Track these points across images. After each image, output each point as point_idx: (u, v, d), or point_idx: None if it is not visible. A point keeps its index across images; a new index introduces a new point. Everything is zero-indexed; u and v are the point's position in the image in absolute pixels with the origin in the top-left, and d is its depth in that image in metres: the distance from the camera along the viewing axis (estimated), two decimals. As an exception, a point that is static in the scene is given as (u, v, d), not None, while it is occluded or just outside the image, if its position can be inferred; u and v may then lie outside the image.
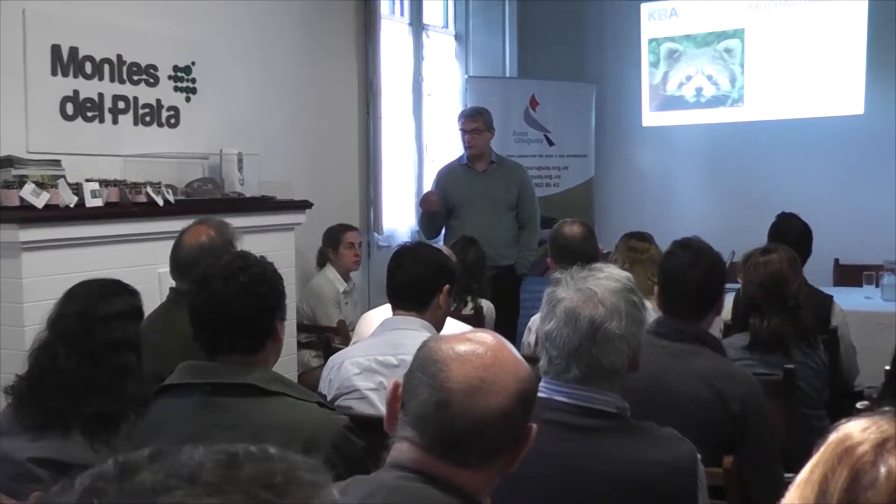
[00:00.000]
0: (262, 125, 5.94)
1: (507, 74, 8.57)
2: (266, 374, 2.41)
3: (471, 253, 5.11)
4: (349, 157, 6.84)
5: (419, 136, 7.51)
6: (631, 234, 4.63)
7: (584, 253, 3.88)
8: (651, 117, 8.51)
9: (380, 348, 3.13)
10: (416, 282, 3.16)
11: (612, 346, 2.09)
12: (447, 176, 6.49)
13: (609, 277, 2.16)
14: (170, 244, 3.61)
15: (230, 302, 2.39)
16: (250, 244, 3.37)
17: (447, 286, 3.20)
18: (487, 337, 1.65)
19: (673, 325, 2.93)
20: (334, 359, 3.24)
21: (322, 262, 6.10)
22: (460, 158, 6.52)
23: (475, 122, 6.34)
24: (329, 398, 3.10)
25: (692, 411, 2.68)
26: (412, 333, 3.03)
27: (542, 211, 6.76)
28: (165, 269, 3.64)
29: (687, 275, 2.97)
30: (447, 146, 7.67)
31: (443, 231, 6.48)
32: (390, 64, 7.21)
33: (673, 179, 8.47)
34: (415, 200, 7.23)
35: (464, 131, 6.37)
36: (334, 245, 6.03)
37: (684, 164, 8.40)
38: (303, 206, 5.59)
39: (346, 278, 6.05)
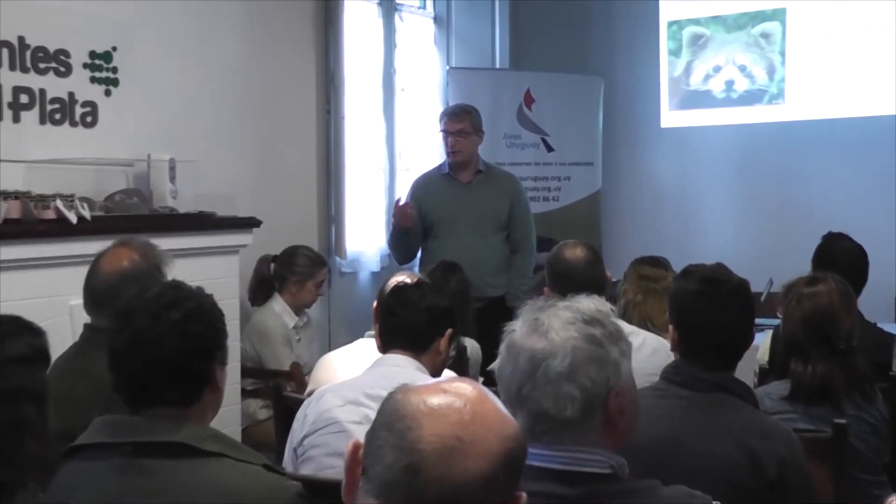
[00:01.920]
0: (199, 126, 5.94)
1: (497, 65, 8.62)
2: (202, 430, 2.40)
3: (452, 281, 5.09)
4: (306, 164, 6.85)
5: (391, 140, 7.53)
6: (643, 259, 4.63)
7: (587, 281, 3.88)
8: (671, 117, 8.57)
9: (368, 382, 3.21)
10: (418, 324, 3.31)
11: (556, 390, 2.06)
12: (424, 187, 6.49)
13: (569, 308, 2.15)
14: (84, 270, 3.58)
15: (158, 343, 2.38)
16: (184, 271, 3.35)
17: (450, 330, 3.34)
18: (466, 387, 1.63)
19: (693, 373, 2.92)
20: (315, 393, 3.34)
21: (265, 291, 6.07)
22: (441, 167, 6.53)
23: (460, 123, 6.35)
24: (301, 435, 3.17)
25: (718, 477, 2.66)
26: (406, 372, 3.13)
27: (539, 230, 6.78)
28: (78, 301, 3.60)
29: (718, 322, 2.97)
30: (425, 152, 7.69)
31: (418, 255, 6.50)
32: (356, 52, 7.23)
33: (697, 192, 8.52)
34: (386, 218, 7.24)
35: (446, 133, 6.37)
36: (304, 278, 5.98)
37: (711, 173, 8.45)
38: (249, 224, 5.58)
39: (298, 311, 6.04)
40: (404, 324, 3.32)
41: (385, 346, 3.37)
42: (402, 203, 6.34)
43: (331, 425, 3.15)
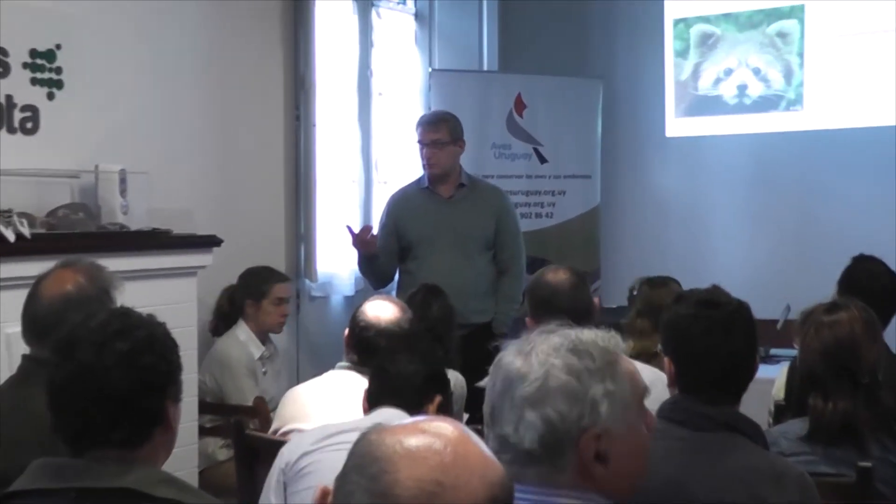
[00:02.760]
0: (153, 133, 5.94)
1: (485, 67, 8.64)
2: (153, 474, 2.39)
3: (434, 307, 5.10)
4: (272, 177, 6.86)
5: (366, 150, 7.53)
6: (653, 280, 4.65)
7: (571, 307, 3.90)
8: (677, 125, 8.61)
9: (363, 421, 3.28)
10: (411, 378, 3.41)
11: (518, 416, 2.06)
12: (402, 203, 6.49)
13: (566, 335, 2.15)
14: (22, 295, 3.57)
15: (104, 377, 2.36)
16: (136, 295, 3.35)
17: (439, 399, 3.43)
18: (447, 427, 1.62)
19: (694, 409, 2.92)
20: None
21: (230, 317, 6.08)
22: (420, 180, 6.54)
23: (436, 132, 6.37)
24: (299, 453, 3.28)
25: (725, 529, 2.67)
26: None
27: (531, 250, 6.80)
28: (16, 329, 3.59)
29: (718, 348, 2.97)
30: (404, 163, 7.68)
31: (395, 278, 6.50)
32: (328, 53, 7.24)
33: (706, 209, 8.55)
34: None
35: (422, 144, 6.39)
36: (256, 297, 6.02)
37: (722, 187, 8.49)
38: (209, 242, 5.58)
39: (264, 340, 6.04)
40: (396, 384, 3.41)
41: (372, 405, 3.43)
42: (359, 229, 6.33)
43: (342, 434, 3.21)
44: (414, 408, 3.29)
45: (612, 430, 2.10)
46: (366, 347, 4.07)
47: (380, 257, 6.31)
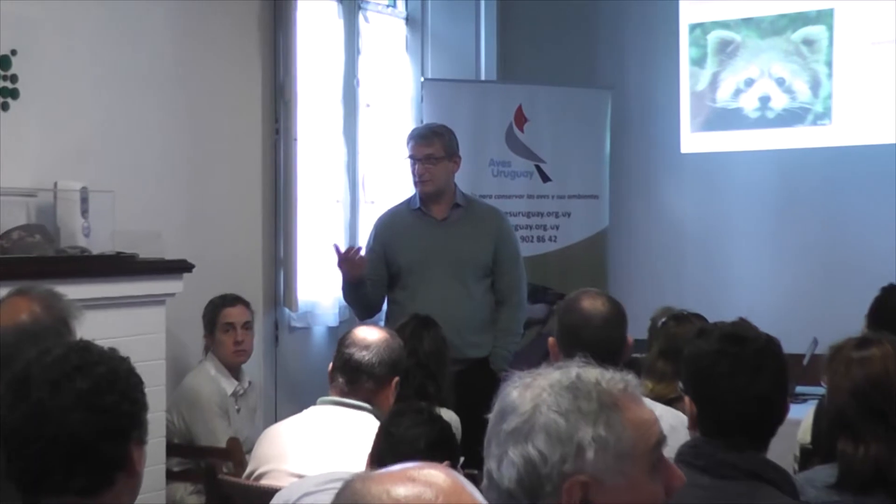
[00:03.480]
0: (117, 147, 5.94)
1: (483, 76, 8.67)
2: (114, 524, 2.38)
3: (426, 340, 5.09)
4: (249, 196, 6.86)
5: (352, 167, 7.55)
6: (679, 315, 4.63)
7: (600, 341, 3.84)
8: (693, 140, 8.61)
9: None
10: (414, 443, 3.41)
11: (502, 451, 2.05)
12: (390, 226, 6.45)
13: (569, 371, 2.13)
14: (-27, 326, 3.57)
15: (62, 418, 2.35)
16: (97, 327, 3.34)
17: (447, 464, 3.45)
18: (439, 475, 1.62)
19: (717, 455, 2.91)
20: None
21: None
22: (410, 200, 6.51)
23: (429, 147, 6.33)
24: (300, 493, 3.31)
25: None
26: None
27: (532, 277, 6.79)
28: (-34, 363, 3.59)
29: (745, 389, 2.96)
30: (394, 181, 7.69)
31: (383, 308, 6.48)
32: (311, 60, 7.26)
33: (725, 233, 8.54)
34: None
35: (413, 160, 6.36)
36: (210, 327, 6.05)
37: (742, 209, 8.48)
38: (179, 268, 5.59)
39: (237, 374, 6.04)
40: (400, 449, 3.39)
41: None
42: (347, 250, 6.30)
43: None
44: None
45: (605, 481, 2.03)
46: (354, 369, 4.08)
47: (367, 283, 6.29)
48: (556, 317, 4.29)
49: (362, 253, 6.27)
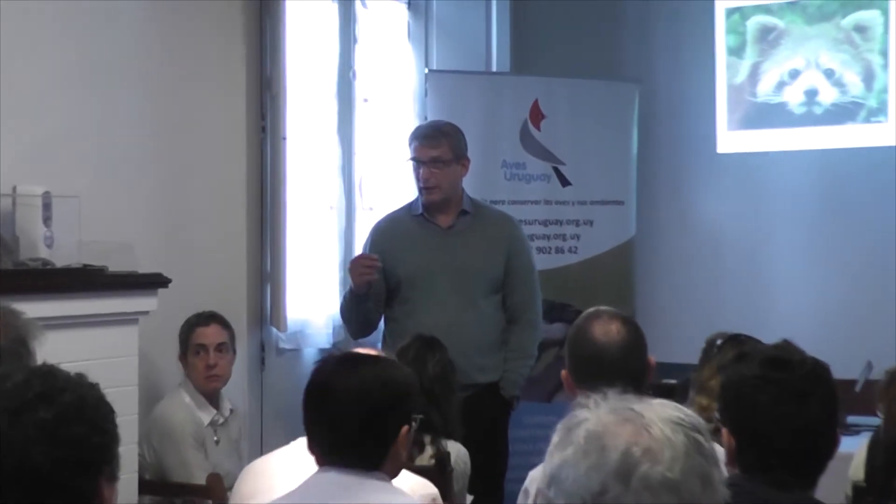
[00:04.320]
0: (84, 149, 5.95)
1: (494, 67, 8.67)
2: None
3: (430, 364, 5.10)
4: (232, 202, 6.86)
5: (348, 169, 7.57)
6: (734, 336, 4.63)
7: (623, 371, 3.81)
8: (731, 139, 8.62)
9: None
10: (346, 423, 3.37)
11: (655, 501, 2.07)
12: (389, 234, 6.47)
13: (665, 404, 2.14)
14: (-78, 347, 3.58)
15: (22, 452, 2.35)
16: (61, 349, 3.35)
17: (406, 427, 3.39)
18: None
19: (759, 494, 2.91)
20: None
21: None
22: (411, 206, 6.53)
23: (435, 149, 6.34)
24: None
25: None
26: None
27: (548, 293, 6.79)
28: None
29: (790, 419, 2.97)
30: (394, 185, 7.71)
31: (379, 325, 6.52)
32: (301, 50, 7.26)
33: (767, 242, 8.54)
34: (339, 275, 7.27)
35: (417, 162, 6.37)
36: (183, 349, 6.05)
37: (786, 215, 8.47)
38: (153, 283, 5.60)
39: (215, 401, 6.05)
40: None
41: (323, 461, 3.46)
42: (362, 256, 6.33)
43: None
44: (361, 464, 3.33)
45: None
46: None
47: (370, 297, 6.29)
48: (566, 346, 4.26)
49: (370, 263, 6.28)
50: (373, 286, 6.28)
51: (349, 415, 3.31)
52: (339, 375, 3.37)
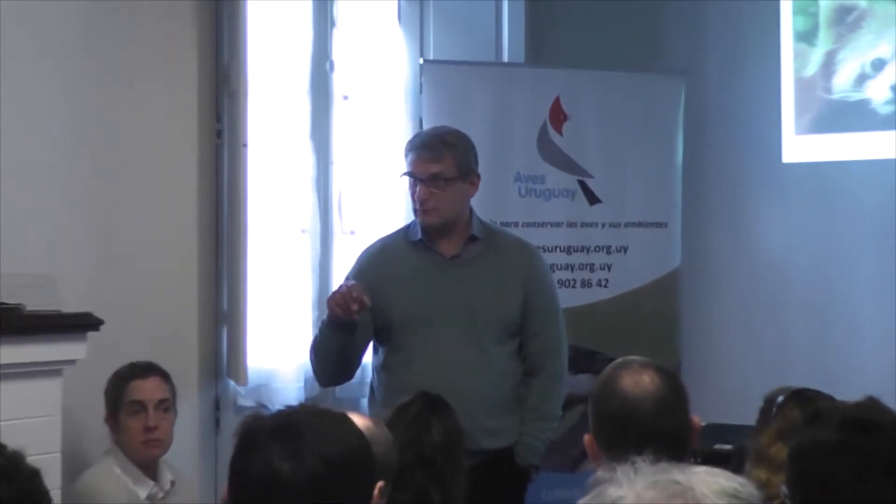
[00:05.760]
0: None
1: (506, 58, 8.68)
2: None
3: (435, 429, 5.05)
4: (180, 225, 6.89)
5: (324, 183, 7.60)
6: (798, 392, 4.63)
7: (660, 428, 3.85)
8: (800, 145, 8.64)
9: None
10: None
11: None
12: (380, 262, 6.40)
13: (713, 473, 2.16)
14: None
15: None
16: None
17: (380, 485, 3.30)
18: None
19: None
20: None
21: None
22: (408, 230, 6.49)
23: (437, 163, 6.23)
24: None
25: None
26: None
27: (572, 338, 6.73)
28: None
29: (880, 494, 2.97)
30: (382, 204, 7.71)
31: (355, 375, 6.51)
32: (267, 37, 7.28)
33: (845, 273, 8.55)
34: (313, 315, 7.31)
35: (414, 179, 6.32)
36: (112, 406, 6.00)
37: (868, 241, 8.48)
38: (81, 325, 5.60)
39: (152, 472, 6.03)
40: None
41: None
42: (348, 287, 6.26)
43: None
44: None
45: None
46: None
47: (356, 329, 6.19)
48: (589, 403, 4.24)
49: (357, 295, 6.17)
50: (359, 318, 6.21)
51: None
52: (276, 456, 3.31)
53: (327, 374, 6.44)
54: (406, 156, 6.33)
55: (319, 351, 6.37)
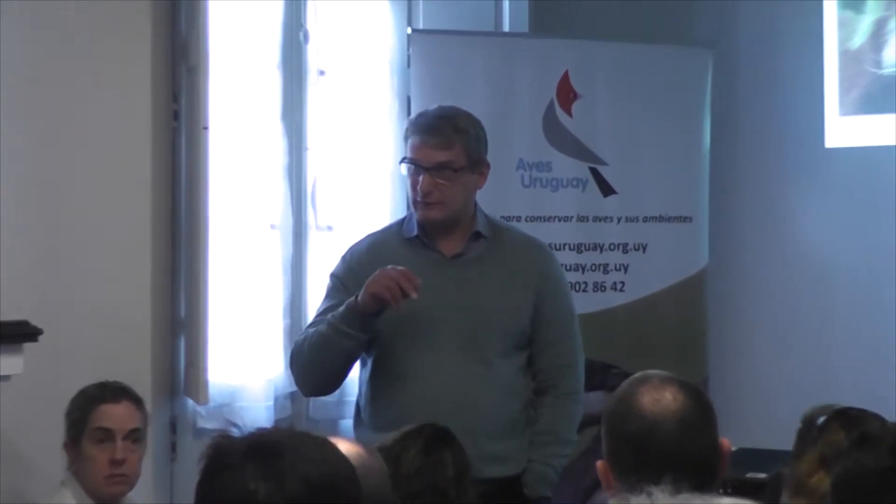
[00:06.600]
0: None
1: (507, 27, 8.72)
2: None
3: (449, 463, 5.03)
4: (131, 219, 6.90)
5: (297, 172, 7.63)
6: (841, 411, 4.59)
7: (684, 452, 3.84)
8: (845, 127, 8.66)
9: None
10: None
11: None
12: (370, 261, 6.29)
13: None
14: None
15: None
16: None
17: None
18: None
19: None
20: None
21: None
22: (403, 224, 6.48)
23: (445, 150, 6.19)
24: None
25: None
26: None
27: (589, 350, 6.70)
28: None
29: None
30: (364, 196, 7.68)
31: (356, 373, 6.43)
32: (230, 5, 7.28)
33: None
34: (284, 322, 7.35)
35: (414, 165, 6.28)
36: (73, 433, 5.94)
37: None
38: (19, 335, 5.65)
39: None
40: None
41: None
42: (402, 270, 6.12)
43: None
44: None
45: None
46: None
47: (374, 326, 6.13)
48: (603, 424, 4.21)
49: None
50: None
51: None
52: (251, 477, 3.25)
53: (319, 380, 6.39)
54: (407, 139, 6.29)
55: (319, 352, 6.26)
